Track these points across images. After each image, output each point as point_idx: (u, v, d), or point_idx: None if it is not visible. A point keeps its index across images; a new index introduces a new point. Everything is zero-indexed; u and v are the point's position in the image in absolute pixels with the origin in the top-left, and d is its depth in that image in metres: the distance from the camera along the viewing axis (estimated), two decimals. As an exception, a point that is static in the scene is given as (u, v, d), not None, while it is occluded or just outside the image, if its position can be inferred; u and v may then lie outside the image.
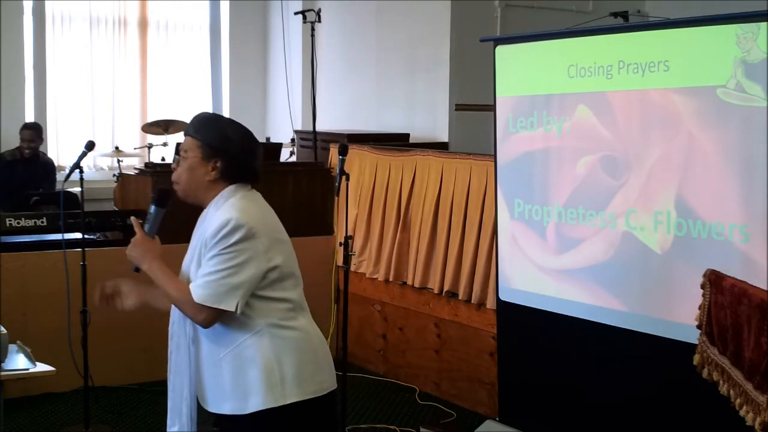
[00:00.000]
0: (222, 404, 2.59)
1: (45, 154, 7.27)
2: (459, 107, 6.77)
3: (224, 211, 2.53)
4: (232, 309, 2.48)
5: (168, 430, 2.69)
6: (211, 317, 2.51)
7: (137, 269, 2.66)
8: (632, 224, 3.79)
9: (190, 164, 2.59)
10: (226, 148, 2.58)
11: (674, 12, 4.35)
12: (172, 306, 2.66)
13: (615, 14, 5.35)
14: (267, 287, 2.54)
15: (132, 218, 2.75)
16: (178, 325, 2.66)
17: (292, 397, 2.55)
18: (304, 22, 7.22)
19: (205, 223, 2.60)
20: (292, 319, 2.60)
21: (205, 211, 2.64)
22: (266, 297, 2.55)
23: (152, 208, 2.68)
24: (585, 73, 3.96)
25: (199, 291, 2.49)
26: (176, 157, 2.66)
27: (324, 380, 2.64)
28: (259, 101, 8.94)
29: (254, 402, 2.54)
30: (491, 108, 4.51)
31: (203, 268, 2.51)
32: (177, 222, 3.03)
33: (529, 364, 4.35)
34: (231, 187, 2.60)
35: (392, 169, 5.71)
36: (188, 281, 2.57)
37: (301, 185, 6.24)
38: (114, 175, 6.86)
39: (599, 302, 3.95)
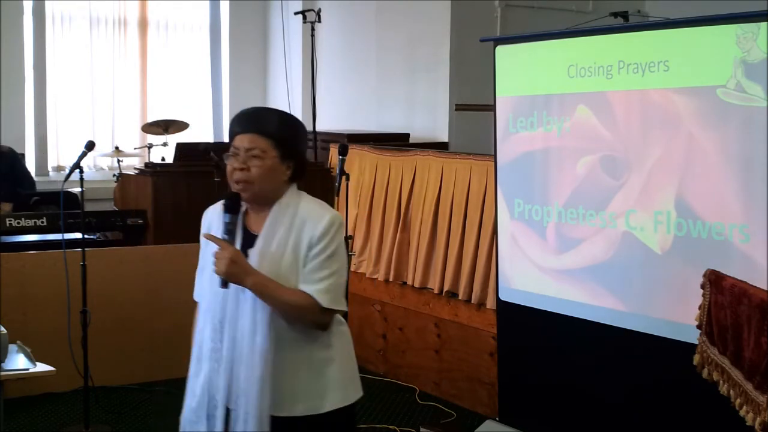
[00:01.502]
0: (294, 406, 2.49)
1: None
2: (459, 107, 6.77)
3: (318, 210, 2.50)
4: (346, 308, 2.50)
5: None
6: (331, 319, 2.50)
7: (225, 284, 2.44)
8: (632, 224, 3.78)
9: (271, 165, 2.46)
10: (300, 148, 2.55)
11: (674, 12, 4.34)
12: (226, 308, 2.47)
13: (615, 14, 5.35)
14: None
15: (209, 234, 2.51)
16: (250, 331, 2.44)
17: (355, 394, 2.59)
18: (304, 22, 7.22)
19: (283, 223, 2.47)
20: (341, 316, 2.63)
21: (273, 211, 2.49)
22: None
23: (227, 217, 2.49)
24: (585, 73, 3.96)
25: (325, 296, 2.43)
26: (237, 155, 2.47)
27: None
28: (259, 101, 8.93)
29: (332, 400, 2.51)
30: (491, 108, 4.51)
31: (317, 272, 2.44)
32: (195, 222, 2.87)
33: (529, 364, 4.35)
34: (294, 186, 2.56)
35: (392, 169, 5.71)
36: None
37: (301, 185, 6.23)
38: (114, 175, 6.86)
39: (599, 302, 3.95)
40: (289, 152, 2.49)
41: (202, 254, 2.61)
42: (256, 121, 2.49)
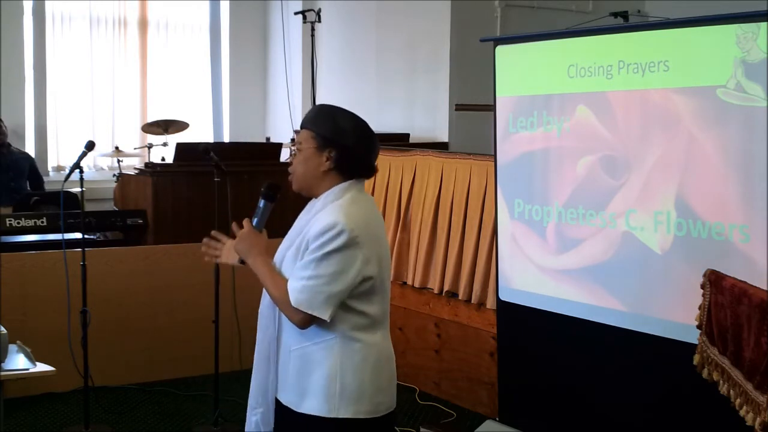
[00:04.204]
0: (281, 393, 2.60)
1: (19, 150, 7.18)
2: (459, 107, 6.77)
3: (331, 212, 2.48)
4: (325, 317, 2.44)
5: (252, 410, 2.67)
6: (306, 320, 2.47)
7: (242, 262, 2.64)
8: (632, 224, 3.79)
9: (306, 155, 2.55)
10: (340, 138, 2.52)
11: (674, 12, 4.34)
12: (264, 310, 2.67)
13: (615, 14, 5.36)
14: (353, 298, 2.49)
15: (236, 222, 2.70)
16: (267, 308, 2.63)
17: (344, 413, 2.51)
18: (304, 22, 7.23)
19: (309, 217, 2.55)
20: (367, 333, 2.54)
21: (312, 202, 2.61)
22: (349, 307, 2.49)
23: (261, 202, 2.65)
24: (585, 73, 3.96)
25: (296, 294, 2.45)
26: (293, 149, 2.64)
27: (382, 402, 2.59)
28: (259, 101, 8.95)
29: (309, 404, 2.52)
30: (491, 108, 4.51)
31: (302, 270, 2.46)
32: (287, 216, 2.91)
33: (529, 364, 4.35)
34: (344, 185, 2.55)
35: (392, 169, 5.71)
36: (280, 270, 2.57)
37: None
38: (114, 175, 6.87)
39: (599, 302, 3.95)
40: (326, 142, 2.53)
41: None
42: (306, 116, 2.62)
